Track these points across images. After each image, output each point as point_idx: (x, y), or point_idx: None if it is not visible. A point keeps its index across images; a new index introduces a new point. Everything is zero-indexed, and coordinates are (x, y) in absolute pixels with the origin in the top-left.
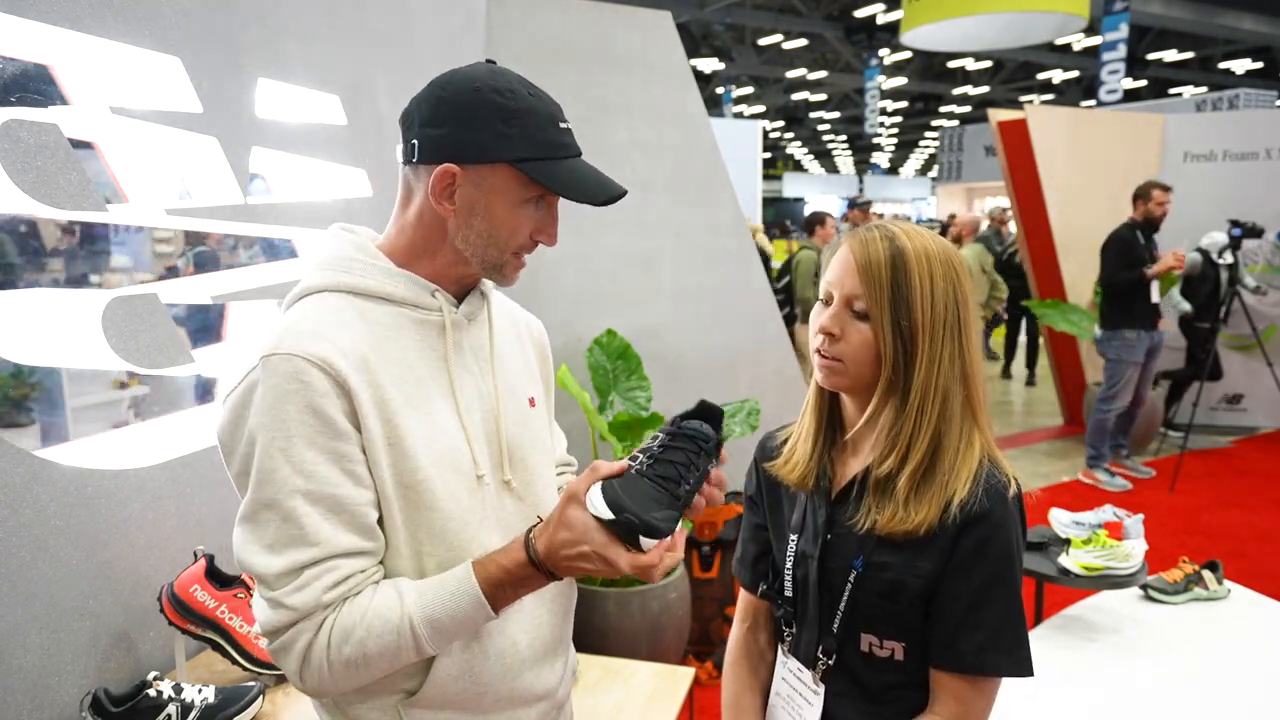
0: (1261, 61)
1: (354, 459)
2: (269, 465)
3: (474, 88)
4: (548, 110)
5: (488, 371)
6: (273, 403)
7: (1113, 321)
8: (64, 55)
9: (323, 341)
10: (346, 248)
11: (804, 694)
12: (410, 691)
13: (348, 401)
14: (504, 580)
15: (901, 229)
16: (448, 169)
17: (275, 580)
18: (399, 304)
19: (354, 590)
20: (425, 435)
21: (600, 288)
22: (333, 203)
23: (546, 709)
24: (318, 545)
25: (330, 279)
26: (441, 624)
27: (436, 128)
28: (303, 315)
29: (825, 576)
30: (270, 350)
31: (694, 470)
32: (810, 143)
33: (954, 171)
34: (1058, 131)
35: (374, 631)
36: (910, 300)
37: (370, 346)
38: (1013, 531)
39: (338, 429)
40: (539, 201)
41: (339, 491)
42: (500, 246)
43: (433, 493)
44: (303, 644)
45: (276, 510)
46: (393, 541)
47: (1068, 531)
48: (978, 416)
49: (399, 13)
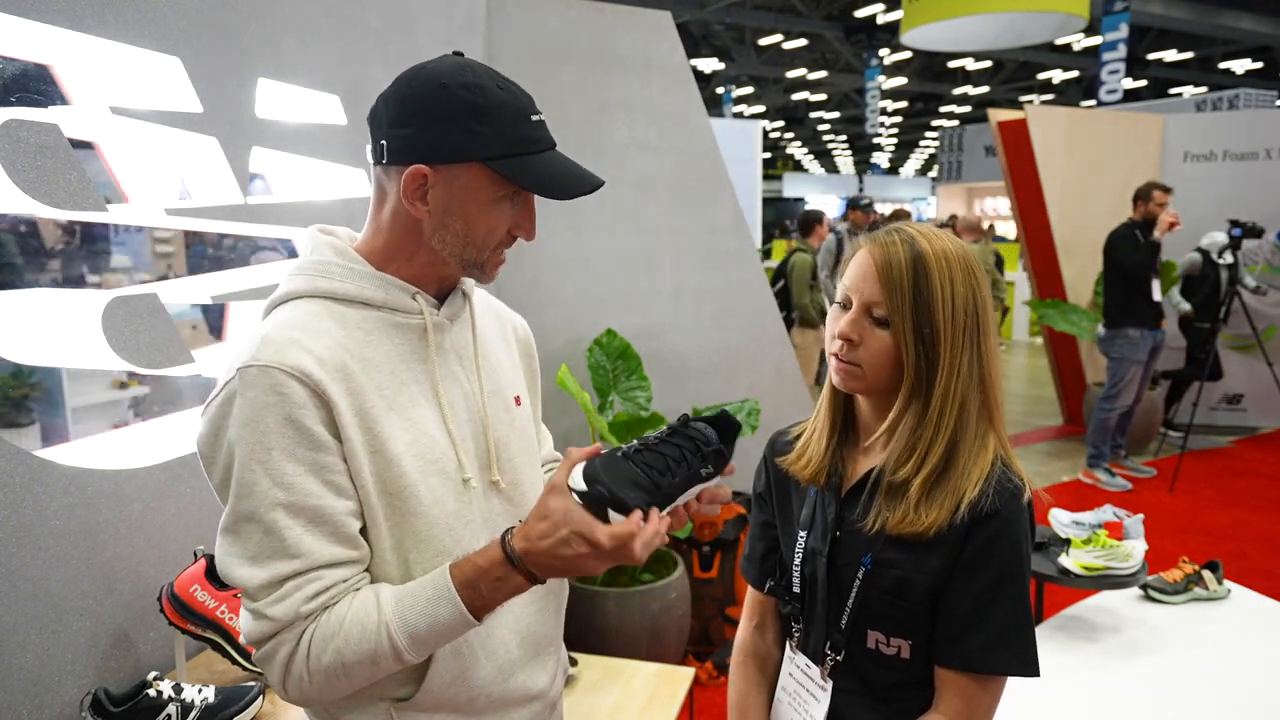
0: (1261, 61)
1: (334, 469)
2: (249, 478)
3: (441, 84)
4: (518, 104)
5: (472, 372)
6: (251, 415)
7: (1116, 320)
8: (64, 55)
9: (300, 351)
10: (324, 251)
11: (811, 690)
12: (403, 696)
13: (326, 412)
14: (479, 580)
15: (919, 231)
16: (418, 170)
17: (257, 592)
18: (378, 308)
19: (335, 599)
20: (408, 440)
21: (600, 288)
22: (332, 203)
23: (540, 709)
24: (299, 557)
25: (307, 284)
26: (418, 631)
27: (404, 127)
28: (279, 324)
29: (834, 573)
30: (247, 362)
31: (683, 467)
32: (810, 143)
33: (954, 171)
34: (1058, 131)
35: (351, 640)
36: (931, 306)
37: (349, 353)
38: (1022, 531)
39: (317, 440)
40: (514, 197)
41: (320, 503)
42: (478, 246)
43: (417, 498)
44: (284, 654)
45: (258, 523)
46: (378, 549)
47: (1068, 531)
48: (994, 419)
49: (399, 12)
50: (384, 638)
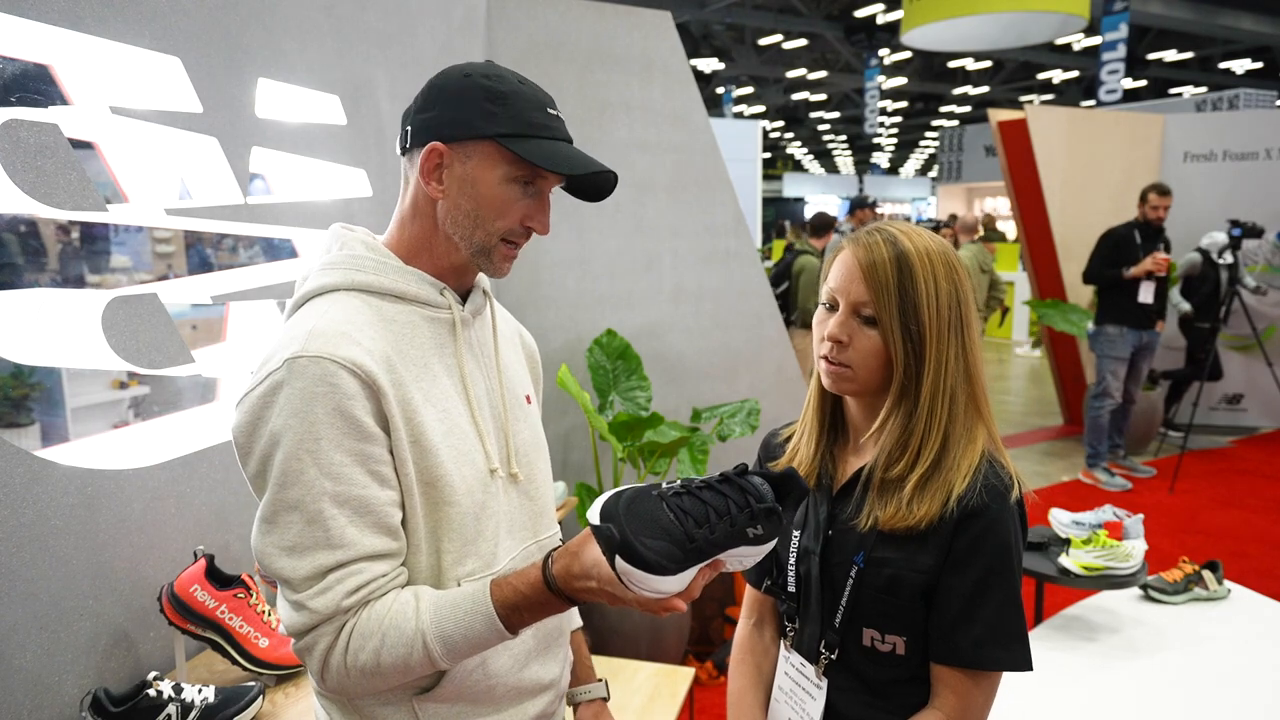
0: (1261, 61)
1: (380, 460)
2: (296, 467)
3: (464, 74)
4: (536, 96)
5: (492, 369)
6: (300, 405)
7: (1098, 317)
8: (64, 55)
9: (350, 343)
10: (354, 246)
11: (807, 688)
12: (425, 688)
13: (376, 403)
14: (520, 604)
15: (901, 230)
16: (434, 147)
17: (300, 584)
18: (411, 302)
19: (375, 594)
20: (443, 431)
21: (600, 288)
22: (333, 203)
23: (552, 698)
24: (342, 548)
25: (344, 278)
26: (454, 642)
27: (426, 112)
28: (325, 316)
29: (827, 572)
30: (297, 352)
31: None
32: (810, 143)
33: (954, 171)
34: (1058, 131)
35: (389, 643)
36: (917, 303)
37: (391, 345)
38: (1010, 527)
39: (365, 431)
40: (527, 186)
41: (365, 493)
42: (486, 228)
43: (452, 488)
44: (323, 647)
45: (301, 512)
46: (413, 539)
47: (1068, 531)
48: (981, 411)
49: (399, 13)
50: (419, 645)
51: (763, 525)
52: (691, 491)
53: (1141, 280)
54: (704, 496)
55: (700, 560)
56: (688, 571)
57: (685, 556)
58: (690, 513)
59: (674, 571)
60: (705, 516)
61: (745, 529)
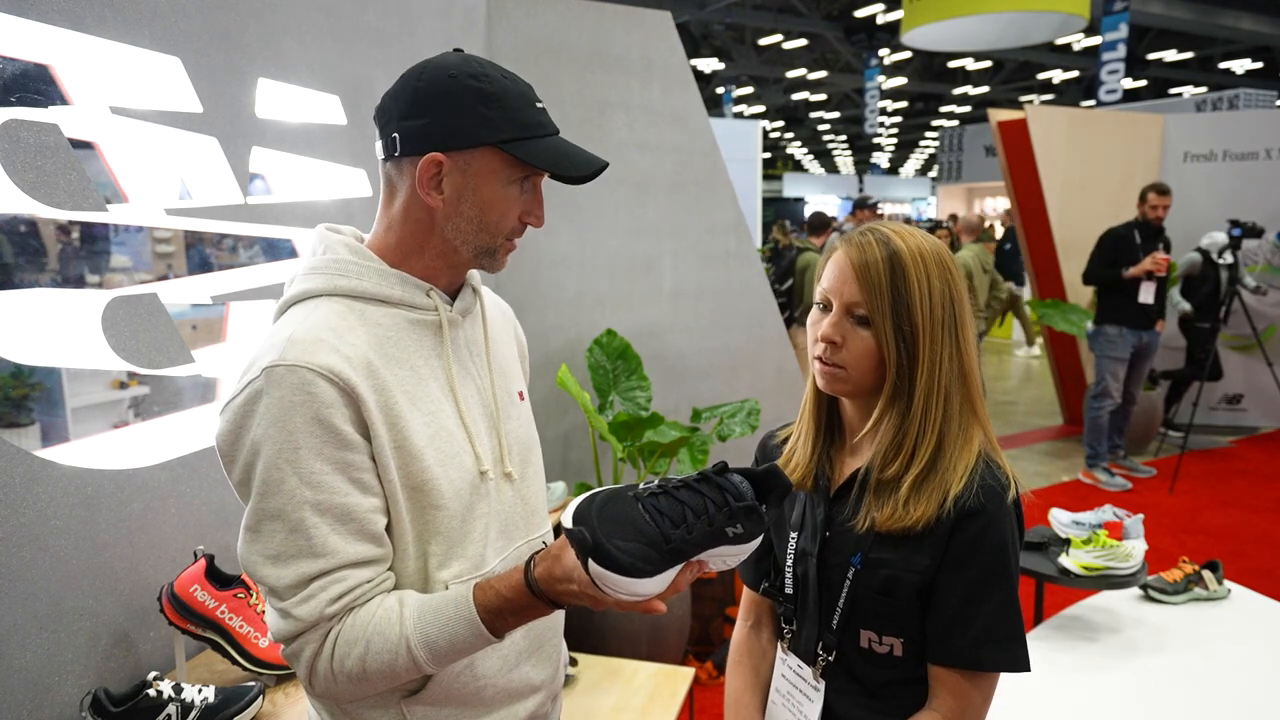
0: (1261, 61)
1: (361, 467)
2: (276, 476)
3: (449, 75)
4: (521, 91)
5: (483, 367)
6: (278, 414)
7: (1098, 317)
8: (64, 55)
9: (328, 351)
10: (338, 250)
11: (804, 690)
12: (412, 690)
13: (355, 410)
14: (503, 608)
15: (894, 230)
16: (433, 158)
17: (284, 591)
18: (395, 305)
19: (360, 601)
20: (429, 435)
21: (600, 288)
22: (332, 203)
23: (543, 700)
24: (325, 556)
25: (326, 283)
26: (439, 647)
27: (417, 118)
28: (304, 323)
29: (824, 573)
30: (274, 361)
31: (703, 522)
32: (810, 143)
33: (954, 171)
34: (1058, 131)
35: (373, 649)
36: (910, 303)
37: (374, 350)
38: (1006, 528)
39: (344, 439)
40: (524, 183)
41: (346, 500)
42: (492, 231)
43: (438, 491)
44: (309, 654)
45: (283, 521)
46: (399, 544)
47: (1068, 531)
48: (977, 411)
49: (399, 13)
50: (403, 651)
51: (743, 524)
52: (668, 491)
53: (1141, 280)
54: (681, 496)
55: (678, 561)
56: (666, 573)
57: (662, 558)
58: (666, 513)
59: (650, 573)
60: (682, 516)
61: (724, 528)
